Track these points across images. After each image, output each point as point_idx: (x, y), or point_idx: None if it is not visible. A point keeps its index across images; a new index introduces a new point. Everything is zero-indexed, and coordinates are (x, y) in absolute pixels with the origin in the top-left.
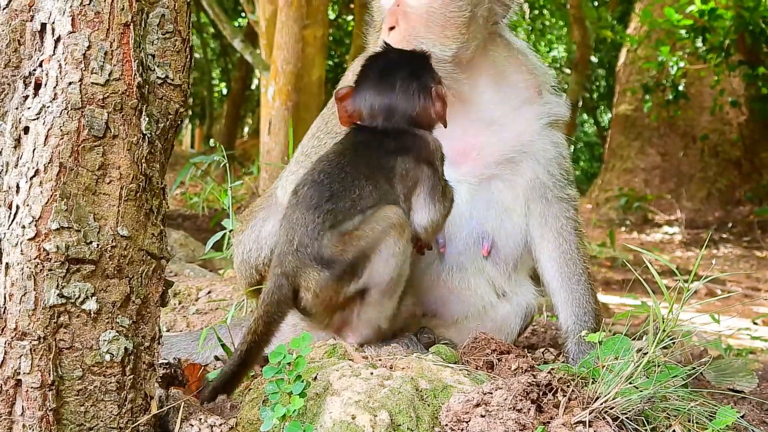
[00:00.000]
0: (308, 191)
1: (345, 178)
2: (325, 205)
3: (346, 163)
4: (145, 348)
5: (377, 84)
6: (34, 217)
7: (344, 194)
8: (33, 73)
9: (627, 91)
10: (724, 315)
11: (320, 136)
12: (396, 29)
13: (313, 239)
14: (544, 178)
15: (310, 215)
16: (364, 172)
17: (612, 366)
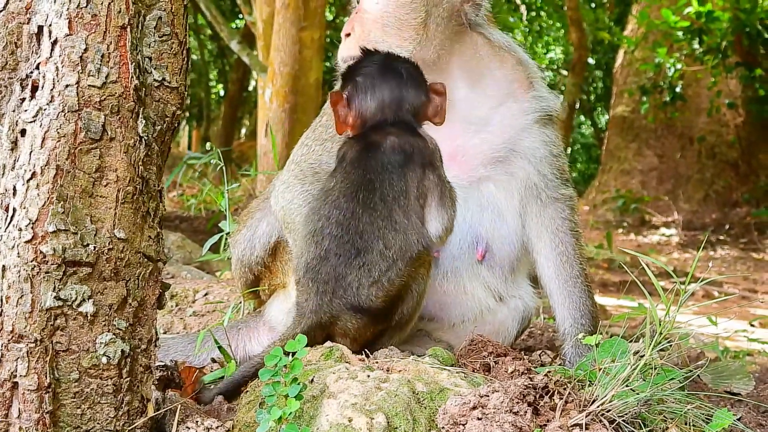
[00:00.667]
0: (330, 246)
1: (365, 231)
2: (355, 262)
3: (361, 210)
4: (142, 351)
5: (382, 77)
6: (31, 219)
7: (370, 247)
8: (30, 76)
9: (624, 92)
10: (722, 317)
11: (309, 143)
12: (351, 35)
13: (351, 294)
14: (536, 179)
15: (341, 270)
16: (380, 213)
17: (609, 368)
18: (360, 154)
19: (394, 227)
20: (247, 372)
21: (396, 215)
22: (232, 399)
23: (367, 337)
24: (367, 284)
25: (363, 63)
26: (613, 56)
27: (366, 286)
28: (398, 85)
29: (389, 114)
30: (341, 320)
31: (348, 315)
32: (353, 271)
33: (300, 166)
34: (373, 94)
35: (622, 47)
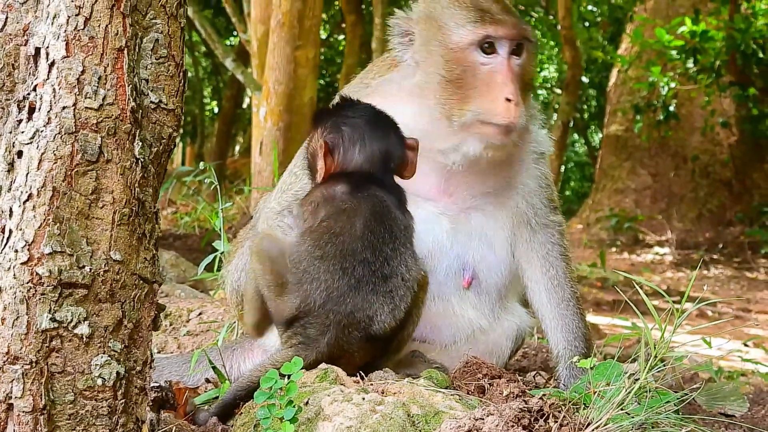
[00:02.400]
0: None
1: (390, 257)
2: (381, 288)
3: (387, 235)
4: (137, 372)
5: (373, 131)
6: (27, 241)
7: (395, 272)
8: (27, 98)
9: (618, 111)
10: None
11: (297, 171)
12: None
13: (376, 322)
14: (525, 208)
15: (370, 298)
16: (401, 240)
17: (603, 392)
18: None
19: (409, 253)
20: (239, 391)
21: (408, 243)
22: (227, 420)
23: (367, 361)
24: (387, 311)
25: (347, 113)
26: (606, 75)
27: (386, 313)
28: (386, 139)
29: (376, 168)
30: (351, 351)
31: (359, 345)
32: (379, 298)
33: (286, 193)
34: (363, 147)
35: (615, 66)
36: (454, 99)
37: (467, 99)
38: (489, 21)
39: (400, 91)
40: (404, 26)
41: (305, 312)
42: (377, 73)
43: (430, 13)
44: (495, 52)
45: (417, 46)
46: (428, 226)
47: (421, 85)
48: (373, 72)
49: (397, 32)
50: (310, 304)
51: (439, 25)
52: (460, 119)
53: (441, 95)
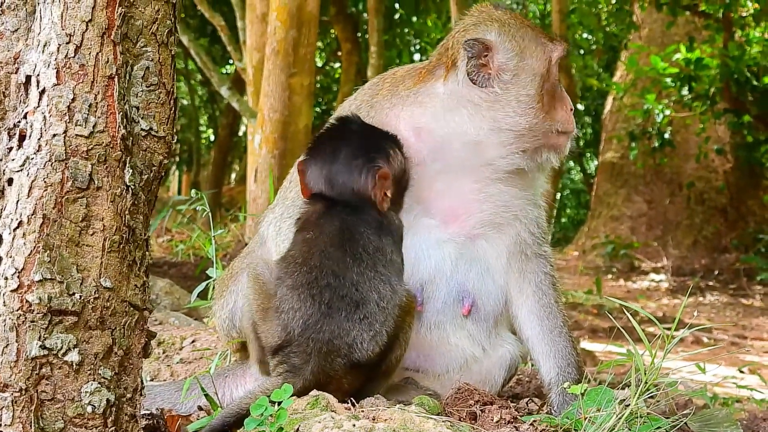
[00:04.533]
0: (332, 299)
1: (359, 282)
2: (355, 315)
3: (350, 260)
4: (127, 399)
5: (325, 153)
6: (17, 268)
7: (367, 298)
8: (17, 125)
9: (613, 138)
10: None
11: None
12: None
13: (356, 350)
14: (525, 236)
15: (345, 326)
16: (367, 264)
17: (594, 417)
18: (331, 209)
19: (380, 278)
20: (227, 418)
21: (379, 266)
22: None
23: (357, 387)
24: (368, 338)
25: (323, 136)
26: (602, 102)
27: (367, 340)
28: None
29: (339, 193)
30: (337, 378)
31: (344, 372)
32: (356, 325)
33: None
34: (323, 173)
35: (610, 93)
36: (535, 110)
37: (551, 111)
38: (558, 40)
39: (438, 102)
40: (481, 46)
41: (287, 341)
42: (413, 83)
43: (514, 33)
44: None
45: (498, 62)
46: (432, 252)
47: (469, 97)
48: (406, 83)
49: (472, 53)
50: (291, 333)
51: (534, 43)
52: (539, 129)
53: (520, 109)
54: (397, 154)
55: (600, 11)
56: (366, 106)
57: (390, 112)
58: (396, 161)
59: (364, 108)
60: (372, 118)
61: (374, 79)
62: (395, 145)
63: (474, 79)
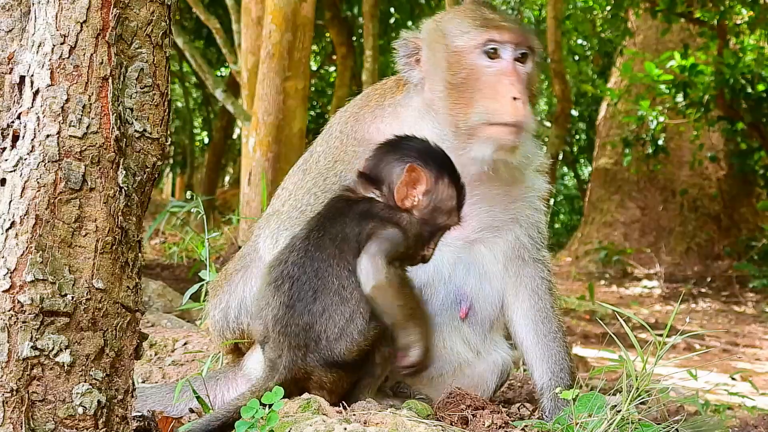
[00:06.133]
0: (293, 290)
1: (319, 268)
2: (315, 307)
3: (313, 248)
4: (119, 401)
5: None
6: (9, 269)
7: (327, 287)
8: (11, 126)
9: (607, 144)
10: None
11: (317, 193)
12: (520, 101)
13: (323, 347)
14: (525, 240)
15: (307, 319)
16: (330, 252)
17: (585, 423)
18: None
19: (347, 267)
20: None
21: (347, 255)
22: None
23: (344, 389)
24: (333, 336)
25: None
26: (596, 108)
27: (333, 339)
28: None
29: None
30: (315, 374)
31: (322, 370)
32: (316, 319)
33: (305, 214)
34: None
35: (605, 99)
36: (460, 105)
37: (472, 102)
38: (493, 26)
39: (411, 111)
40: (411, 45)
41: (266, 337)
42: (397, 93)
43: (435, 27)
44: (499, 57)
45: (423, 60)
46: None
47: (428, 101)
48: (393, 93)
49: (404, 52)
50: (267, 328)
51: (444, 35)
52: (467, 124)
53: (447, 104)
54: (444, 184)
55: (595, 17)
56: (352, 120)
57: (371, 126)
58: (440, 187)
59: (350, 122)
60: (356, 132)
61: (368, 89)
62: (451, 178)
63: (408, 79)
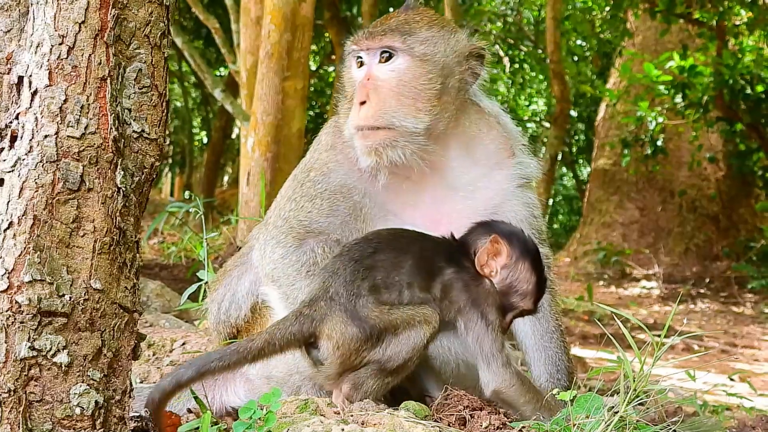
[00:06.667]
0: (355, 246)
1: (396, 248)
2: (366, 261)
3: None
4: (116, 402)
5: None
6: (7, 269)
7: (390, 265)
8: (9, 126)
9: (606, 145)
10: (701, 371)
11: (297, 198)
12: (367, 104)
13: (351, 293)
14: None
15: (351, 267)
16: (415, 255)
17: (583, 424)
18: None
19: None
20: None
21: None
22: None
23: (351, 356)
24: (368, 287)
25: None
26: (595, 109)
27: (366, 288)
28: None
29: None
30: (332, 320)
31: (339, 318)
32: (358, 268)
33: (289, 222)
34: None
35: (604, 100)
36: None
37: (347, 115)
38: (357, 35)
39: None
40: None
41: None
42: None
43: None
44: (365, 64)
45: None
46: None
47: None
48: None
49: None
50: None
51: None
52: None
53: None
54: (524, 267)
55: (594, 18)
56: (331, 129)
57: (340, 137)
58: (519, 267)
59: (329, 130)
60: (329, 141)
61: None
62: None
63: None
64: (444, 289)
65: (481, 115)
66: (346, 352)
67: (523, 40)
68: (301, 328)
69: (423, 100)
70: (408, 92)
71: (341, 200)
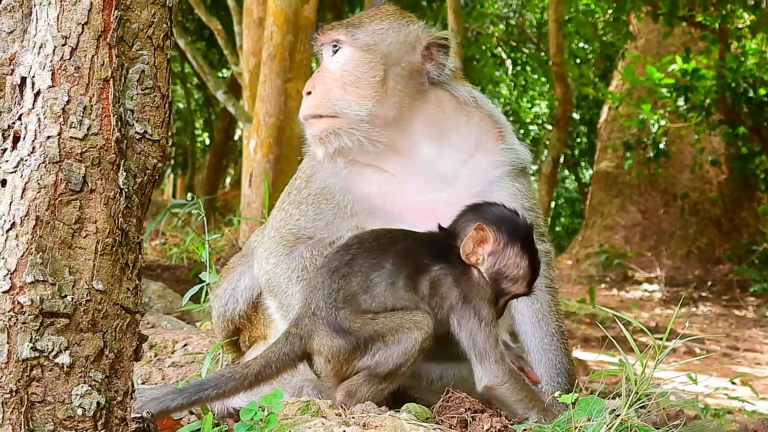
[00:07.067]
0: (334, 255)
1: (374, 250)
2: (342, 270)
3: (385, 245)
4: (118, 402)
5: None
6: (9, 269)
7: (369, 268)
8: (12, 127)
9: (608, 148)
10: (702, 374)
11: (285, 207)
12: (312, 94)
13: (330, 306)
14: None
15: (328, 280)
16: (399, 262)
17: (584, 427)
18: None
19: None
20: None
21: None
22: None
23: (343, 367)
24: (344, 297)
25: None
26: (597, 112)
27: (342, 298)
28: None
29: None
30: (318, 335)
31: (324, 332)
32: (334, 278)
33: (280, 232)
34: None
35: (606, 103)
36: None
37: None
38: (315, 36)
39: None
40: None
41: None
42: None
43: None
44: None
45: None
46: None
47: None
48: None
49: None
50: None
51: None
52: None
53: None
54: (514, 252)
55: (596, 21)
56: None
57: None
58: (507, 253)
59: None
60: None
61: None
62: (524, 248)
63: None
64: (432, 285)
65: (457, 104)
66: (337, 364)
67: (526, 43)
68: (292, 348)
69: (366, 88)
70: (351, 81)
71: (324, 203)
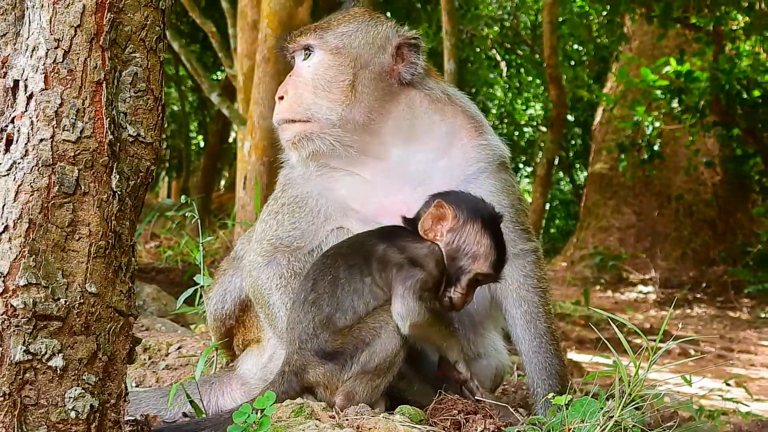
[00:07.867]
0: (301, 286)
1: (328, 265)
2: (310, 297)
3: (334, 256)
4: (111, 405)
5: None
6: (2, 272)
7: (330, 285)
8: (4, 129)
9: (603, 149)
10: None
11: (265, 218)
12: (285, 98)
13: (311, 336)
14: None
15: (302, 312)
16: (350, 262)
17: (578, 428)
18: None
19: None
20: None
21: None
22: None
23: (339, 386)
24: (320, 323)
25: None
26: (591, 113)
27: (320, 325)
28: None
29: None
30: (312, 368)
31: (315, 362)
32: (306, 309)
33: (261, 244)
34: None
35: (600, 105)
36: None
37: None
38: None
39: None
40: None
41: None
42: None
43: None
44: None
45: None
46: None
47: None
48: None
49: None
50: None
51: None
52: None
53: None
54: (474, 229)
55: (591, 23)
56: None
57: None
58: (467, 230)
59: None
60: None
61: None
62: (485, 227)
63: None
64: (380, 261)
65: (430, 102)
66: (336, 384)
67: (520, 45)
68: (291, 386)
69: (336, 92)
70: (322, 85)
71: (298, 211)
